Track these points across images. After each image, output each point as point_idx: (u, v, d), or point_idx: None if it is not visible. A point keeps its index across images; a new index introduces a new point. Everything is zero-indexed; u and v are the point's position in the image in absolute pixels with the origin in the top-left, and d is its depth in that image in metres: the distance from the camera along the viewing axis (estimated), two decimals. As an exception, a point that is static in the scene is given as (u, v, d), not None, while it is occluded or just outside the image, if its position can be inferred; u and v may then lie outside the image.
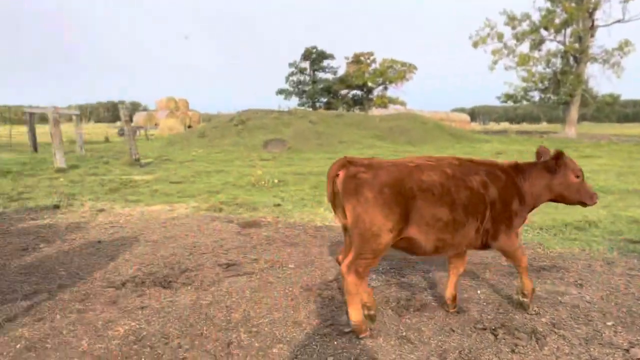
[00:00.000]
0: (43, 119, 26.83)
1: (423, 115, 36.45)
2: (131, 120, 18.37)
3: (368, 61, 66.95)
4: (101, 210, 8.49)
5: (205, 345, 3.58)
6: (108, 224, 7.53)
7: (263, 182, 11.51)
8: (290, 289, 4.76)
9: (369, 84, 66.73)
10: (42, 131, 23.46)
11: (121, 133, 34.30)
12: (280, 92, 69.30)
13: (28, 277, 5.06)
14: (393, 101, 66.34)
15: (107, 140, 31.13)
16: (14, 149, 21.95)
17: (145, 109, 67.00)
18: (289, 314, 4.15)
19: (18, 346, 3.53)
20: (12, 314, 4.11)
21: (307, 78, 69.53)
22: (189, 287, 4.78)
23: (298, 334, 3.79)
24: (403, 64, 65.46)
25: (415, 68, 65.68)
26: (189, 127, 42.13)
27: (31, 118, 22.39)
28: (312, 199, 9.62)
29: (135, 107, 74.17)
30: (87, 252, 5.99)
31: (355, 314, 3.69)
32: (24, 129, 26.29)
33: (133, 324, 3.92)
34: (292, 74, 69.42)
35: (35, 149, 21.05)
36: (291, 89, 69.41)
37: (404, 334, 3.79)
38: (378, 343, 3.64)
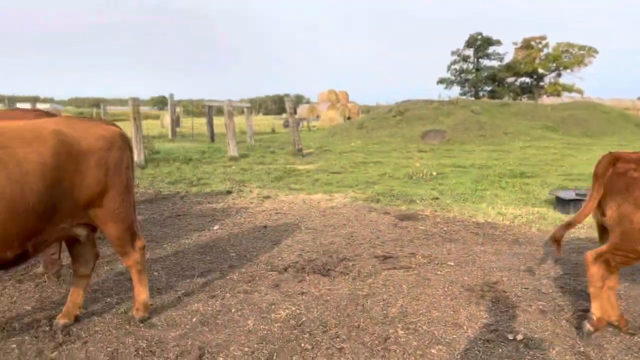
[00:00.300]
0: (219, 111, 29.52)
1: (603, 104, 32.64)
2: (295, 113, 19.33)
3: (540, 46, 61.74)
4: (267, 197, 9.02)
5: (362, 337, 3.55)
6: (273, 210, 7.97)
7: (421, 174, 11.26)
8: (450, 287, 4.53)
9: (540, 70, 61.61)
10: (219, 123, 25.79)
11: (286, 124, 36.32)
12: (441, 81, 67.42)
13: (204, 256, 5.54)
14: (567, 88, 60.40)
15: (273, 131, 33.21)
16: (195, 139, 24.50)
17: (308, 102, 70.25)
18: (449, 314, 3.94)
19: (194, 320, 3.87)
20: (190, 289, 4.52)
21: (471, 66, 66.56)
22: (347, 277, 4.81)
23: (459, 336, 3.57)
24: (581, 48, 59.21)
25: (595, 52, 59.04)
26: (348, 118, 43.11)
27: (209, 111, 24.77)
28: (473, 194, 9.14)
29: (299, 100, 78.17)
30: (253, 236, 6.39)
31: (598, 308, 3.49)
32: (203, 120, 29.19)
33: (294, 308, 4.06)
34: (454, 62, 67.05)
35: (212, 139, 23.23)
36: (453, 78, 67.12)
37: (581, 349, 3.36)
38: (550, 356, 3.28)
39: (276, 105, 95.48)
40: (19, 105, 23.64)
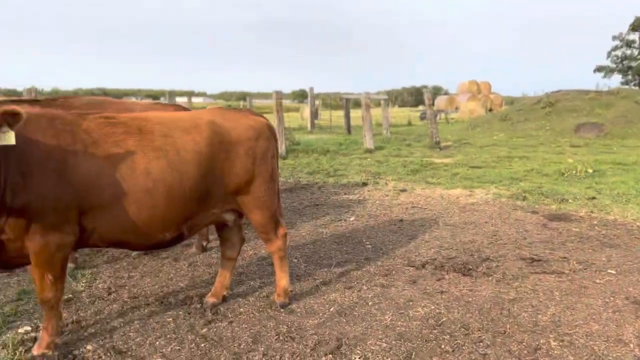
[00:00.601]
0: (356, 104, 29.84)
1: None
2: (433, 104, 18.74)
3: None
4: (403, 190, 8.86)
5: (508, 345, 3.29)
6: (409, 203, 7.80)
7: (574, 171, 10.26)
8: (612, 298, 4.03)
9: None
10: (355, 115, 26.02)
11: (423, 117, 35.57)
12: (599, 69, 60.77)
13: (340, 247, 5.58)
14: None
15: (409, 123, 32.74)
16: (332, 131, 25.03)
17: (446, 93, 67.99)
18: (611, 329, 3.50)
19: (331, 309, 3.89)
20: (327, 278, 4.57)
21: (636, 52, 59.18)
22: (490, 278, 4.52)
23: (624, 355, 3.15)
24: None
25: None
26: (490, 110, 40.94)
27: (347, 103, 25.14)
28: (637, 194, 8.10)
29: (437, 91, 75.97)
30: (389, 229, 6.30)
31: None
32: (341, 113, 29.69)
33: (432, 307, 3.90)
34: (615, 48, 60.05)
35: (349, 131, 23.53)
36: (613, 65, 60.14)
37: None
38: None
39: (412, 97, 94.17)
40: (178, 99, 26.09)
